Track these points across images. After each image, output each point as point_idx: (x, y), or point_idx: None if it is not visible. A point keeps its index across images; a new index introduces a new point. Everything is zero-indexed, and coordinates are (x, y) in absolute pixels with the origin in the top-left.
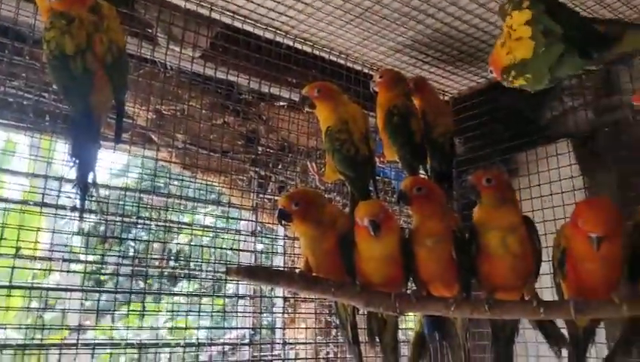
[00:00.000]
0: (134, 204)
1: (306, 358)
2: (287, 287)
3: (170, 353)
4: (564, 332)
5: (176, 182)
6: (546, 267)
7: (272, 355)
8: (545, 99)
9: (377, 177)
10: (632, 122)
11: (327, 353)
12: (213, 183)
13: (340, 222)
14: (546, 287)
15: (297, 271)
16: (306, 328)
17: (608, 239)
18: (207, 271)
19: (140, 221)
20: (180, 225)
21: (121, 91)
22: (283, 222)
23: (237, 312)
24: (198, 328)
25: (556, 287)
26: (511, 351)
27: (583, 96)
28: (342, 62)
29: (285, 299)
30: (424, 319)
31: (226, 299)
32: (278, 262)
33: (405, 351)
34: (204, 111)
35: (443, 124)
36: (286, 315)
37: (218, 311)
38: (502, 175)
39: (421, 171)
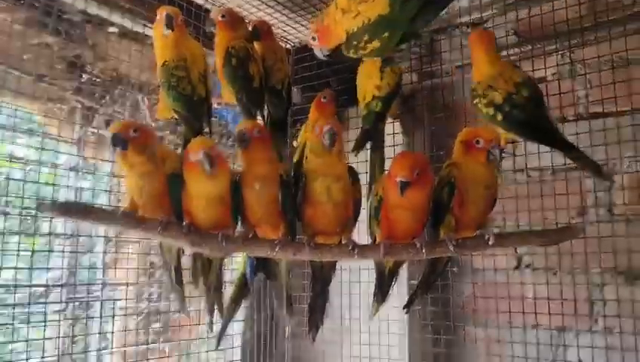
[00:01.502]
0: None
1: (126, 299)
2: (110, 226)
3: None
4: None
5: None
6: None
7: (89, 296)
8: None
9: (214, 119)
10: (448, 87)
11: (150, 294)
12: (26, 110)
13: (170, 159)
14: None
15: (121, 209)
16: (127, 268)
17: (414, 187)
18: (21, 207)
19: None
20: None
21: None
22: (116, 149)
23: (49, 251)
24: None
25: (370, 232)
26: (327, 291)
27: (410, 61)
28: None
29: (107, 238)
30: (248, 260)
31: (41, 239)
32: (103, 201)
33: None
34: (16, 26)
35: (282, 71)
36: (108, 256)
37: (27, 250)
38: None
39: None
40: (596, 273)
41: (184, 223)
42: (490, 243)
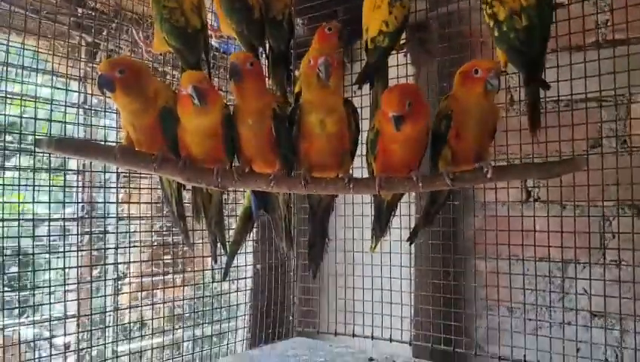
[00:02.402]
0: None
1: (139, 231)
2: (106, 161)
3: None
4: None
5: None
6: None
7: (104, 231)
8: None
9: (220, 52)
10: (463, 14)
11: (162, 226)
12: (32, 48)
13: (162, 95)
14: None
15: (117, 145)
16: (138, 203)
17: (408, 120)
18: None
19: None
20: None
21: None
22: (104, 91)
23: (64, 187)
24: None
25: (367, 166)
26: (326, 224)
27: None
28: None
29: (118, 174)
30: (252, 195)
31: (53, 174)
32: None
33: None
34: None
35: (282, 0)
36: (121, 190)
37: (46, 186)
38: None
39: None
40: (610, 206)
41: (180, 158)
42: (488, 176)
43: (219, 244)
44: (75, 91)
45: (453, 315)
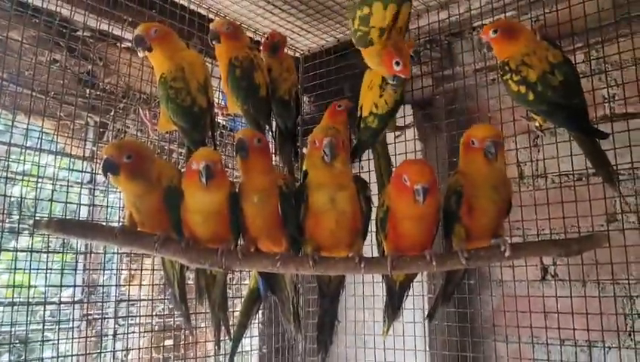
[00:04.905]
0: None
1: (139, 315)
2: (106, 243)
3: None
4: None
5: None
6: None
7: (103, 313)
8: None
9: (227, 130)
10: (465, 92)
11: (163, 309)
12: (39, 128)
13: (166, 174)
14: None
15: (118, 225)
16: (139, 285)
17: (430, 193)
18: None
19: None
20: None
21: None
22: (108, 174)
23: (65, 269)
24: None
25: (377, 245)
26: (336, 305)
27: (428, 65)
28: (184, 3)
29: (120, 254)
30: (259, 276)
31: (55, 256)
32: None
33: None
34: (26, 45)
35: (288, 81)
36: (123, 272)
37: (53, 269)
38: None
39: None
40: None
41: (183, 239)
42: (506, 254)
43: (222, 328)
44: (80, 171)
45: None
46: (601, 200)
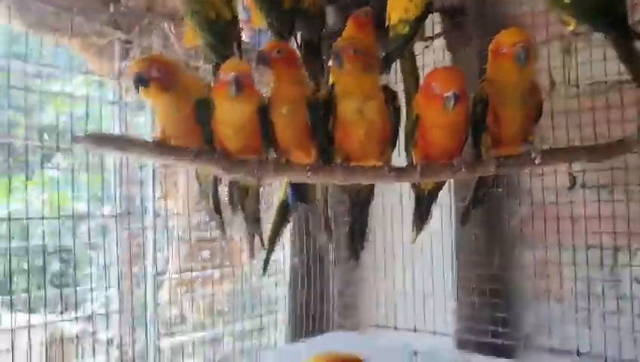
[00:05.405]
0: None
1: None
2: (141, 156)
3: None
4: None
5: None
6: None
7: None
8: None
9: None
10: None
11: (199, 221)
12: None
13: (196, 87)
14: None
15: (152, 139)
16: (175, 198)
17: (460, 101)
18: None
19: None
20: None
21: None
22: (140, 88)
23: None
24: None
25: (407, 154)
26: (366, 214)
27: None
28: None
29: (154, 171)
30: (288, 187)
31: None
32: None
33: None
34: None
35: None
36: (160, 186)
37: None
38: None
39: None
40: None
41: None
42: (536, 161)
43: (256, 238)
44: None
45: (499, 306)
46: (633, 108)
